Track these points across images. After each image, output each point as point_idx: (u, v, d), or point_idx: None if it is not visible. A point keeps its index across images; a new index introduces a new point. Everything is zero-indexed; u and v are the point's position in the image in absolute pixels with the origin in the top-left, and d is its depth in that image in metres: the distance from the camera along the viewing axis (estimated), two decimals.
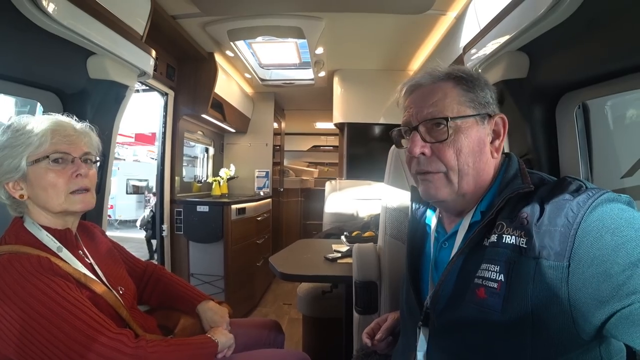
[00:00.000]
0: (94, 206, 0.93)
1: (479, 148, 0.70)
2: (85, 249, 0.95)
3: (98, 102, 1.32)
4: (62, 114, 0.93)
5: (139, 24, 1.45)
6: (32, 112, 1.32)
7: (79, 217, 0.96)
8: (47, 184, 0.84)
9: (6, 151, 0.83)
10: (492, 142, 0.72)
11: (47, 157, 0.84)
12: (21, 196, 0.85)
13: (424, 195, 0.74)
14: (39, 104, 1.26)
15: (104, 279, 0.93)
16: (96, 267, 0.93)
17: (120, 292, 0.95)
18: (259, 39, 2.44)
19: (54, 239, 0.86)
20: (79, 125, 0.94)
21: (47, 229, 0.87)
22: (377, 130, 3.31)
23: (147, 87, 2.50)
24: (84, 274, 0.86)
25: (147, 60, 1.47)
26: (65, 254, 0.86)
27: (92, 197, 0.92)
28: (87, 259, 0.93)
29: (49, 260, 0.79)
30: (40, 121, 0.87)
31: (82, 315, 0.75)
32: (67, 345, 0.72)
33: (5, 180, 0.84)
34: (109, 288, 0.91)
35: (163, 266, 1.24)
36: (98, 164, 0.97)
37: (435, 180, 0.71)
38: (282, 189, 4.54)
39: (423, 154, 0.70)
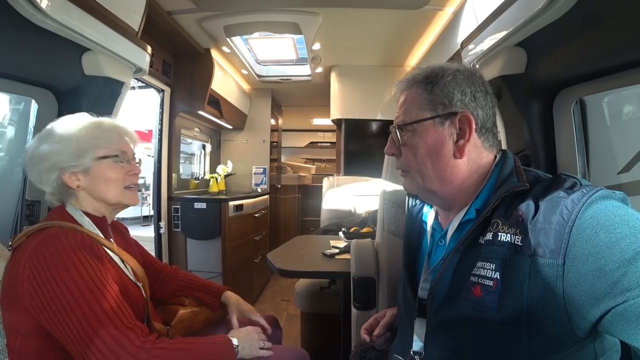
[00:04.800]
0: (139, 202, 1.00)
1: (435, 150, 0.71)
2: (114, 240, 1.01)
3: (93, 99, 1.31)
4: (58, 111, 0.94)
5: (134, 19, 1.44)
6: (27, 109, 1.31)
7: (120, 211, 1.05)
8: (109, 178, 0.94)
9: (81, 142, 0.91)
10: (457, 142, 0.71)
11: (116, 155, 0.95)
12: (78, 186, 0.92)
13: (404, 187, 0.82)
14: (33, 101, 1.25)
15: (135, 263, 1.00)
16: (123, 258, 0.98)
17: (141, 285, 0.99)
18: (256, 34, 2.42)
19: (94, 225, 0.93)
20: (130, 130, 1.04)
21: (88, 214, 0.94)
22: (374, 126, 3.31)
23: (143, 84, 2.48)
24: (122, 259, 0.94)
25: (143, 57, 1.46)
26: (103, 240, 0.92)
27: (137, 194, 1.02)
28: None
29: (90, 241, 0.86)
30: (109, 122, 0.99)
31: (101, 298, 0.78)
32: (81, 322, 0.75)
33: (69, 168, 0.90)
34: (142, 269, 1.00)
35: (178, 266, 1.29)
36: (139, 164, 1.06)
37: (405, 176, 0.80)
38: (279, 186, 4.54)
39: (393, 154, 0.79)
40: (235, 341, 0.94)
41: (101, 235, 0.93)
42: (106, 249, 0.90)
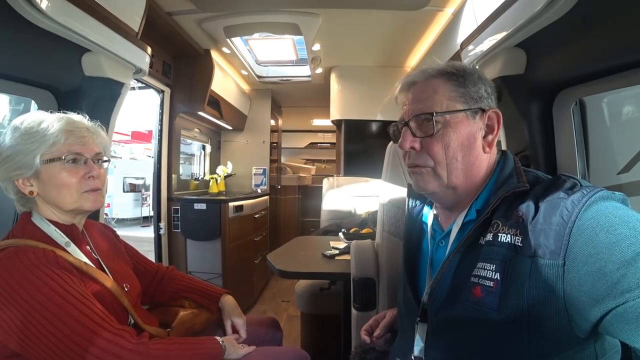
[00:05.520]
0: (103, 205, 0.95)
1: (468, 142, 0.70)
2: (92, 245, 0.97)
3: (94, 100, 1.31)
4: (58, 111, 0.92)
5: (134, 20, 1.44)
6: (27, 110, 1.31)
7: (86, 216, 0.98)
8: (61, 184, 0.85)
9: (18, 148, 0.83)
10: (485, 137, 0.72)
11: (62, 157, 0.85)
12: (31, 192, 0.86)
13: (415, 187, 0.77)
14: (33, 101, 1.25)
15: (108, 274, 0.94)
16: (102, 263, 0.95)
17: (126, 289, 0.96)
18: (256, 35, 2.42)
19: (62, 233, 0.88)
20: (90, 124, 0.95)
21: (55, 223, 0.88)
22: (374, 126, 3.31)
23: (143, 85, 2.48)
24: (91, 266, 0.88)
25: (143, 57, 1.46)
26: (73, 248, 0.88)
27: (102, 197, 0.94)
28: (94, 254, 0.95)
29: (54, 254, 0.80)
30: (54, 119, 0.87)
31: (85, 309, 0.76)
32: (69, 337, 0.72)
33: (16, 176, 0.84)
34: (115, 282, 0.93)
35: (174, 267, 1.27)
36: (108, 163, 0.98)
37: (424, 173, 0.73)
38: (279, 186, 4.54)
39: (413, 148, 0.73)
40: (220, 339, 0.97)
41: (71, 243, 0.88)
42: (71, 258, 0.84)
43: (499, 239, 0.62)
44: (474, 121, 0.71)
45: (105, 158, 0.96)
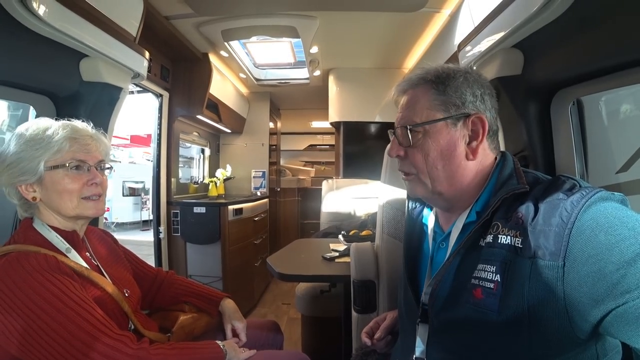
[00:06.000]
0: (104, 212, 0.97)
1: (448, 151, 0.71)
2: (92, 252, 0.98)
3: (92, 105, 1.31)
4: (56, 118, 0.93)
5: (132, 25, 1.44)
6: (25, 115, 1.31)
7: (88, 222, 0.99)
8: (63, 189, 0.87)
9: (23, 154, 0.84)
10: (469, 144, 0.71)
11: (66, 164, 0.87)
12: (34, 198, 0.87)
13: (407, 192, 0.80)
14: (31, 107, 1.25)
15: (109, 280, 0.94)
16: (102, 269, 0.96)
17: (126, 294, 0.96)
18: (254, 38, 2.43)
19: (62, 240, 0.88)
20: (94, 132, 0.96)
21: (56, 229, 0.89)
22: (373, 128, 3.32)
23: (142, 89, 2.48)
24: (92, 272, 0.88)
25: (141, 62, 1.46)
26: (74, 254, 0.88)
27: (103, 204, 0.95)
28: (93, 261, 0.96)
29: (55, 259, 0.81)
30: (59, 127, 0.89)
31: (86, 315, 0.76)
32: (70, 342, 0.72)
33: (20, 182, 0.85)
34: (115, 288, 0.93)
35: (174, 271, 1.27)
36: (110, 170, 0.99)
37: (411, 180, 0.77)
38: (279, 189, 4.54)
39: (399, 155, 0.76)
40: (221, 344, 0.96)
41: (71, 249, 0.88)
42: (72, 264, 0.84)
43: (499, 241, 0.62)
44: (455, 129, 0.71)
45: (107, 165, 0.98)
